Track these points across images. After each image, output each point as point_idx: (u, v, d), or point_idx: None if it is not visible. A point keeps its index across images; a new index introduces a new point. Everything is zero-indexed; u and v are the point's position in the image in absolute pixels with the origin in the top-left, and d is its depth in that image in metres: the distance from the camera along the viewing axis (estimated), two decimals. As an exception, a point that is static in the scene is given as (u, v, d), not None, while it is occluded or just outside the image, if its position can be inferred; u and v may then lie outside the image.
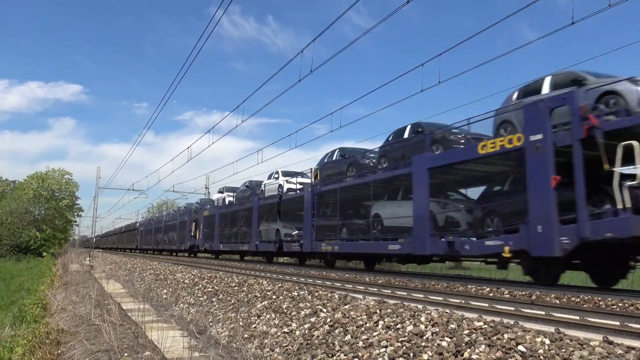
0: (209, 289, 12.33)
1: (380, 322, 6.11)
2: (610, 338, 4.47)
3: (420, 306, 6.62)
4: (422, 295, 8.46)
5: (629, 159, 8.64)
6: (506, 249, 10.32)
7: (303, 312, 7.69)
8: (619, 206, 8.68)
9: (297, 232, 20.57)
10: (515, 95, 12.02)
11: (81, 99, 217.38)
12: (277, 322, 7.82)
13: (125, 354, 6.69)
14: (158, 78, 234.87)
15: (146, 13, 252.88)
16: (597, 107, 9.59)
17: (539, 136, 9.87)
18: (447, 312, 5.93)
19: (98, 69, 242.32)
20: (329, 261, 19.45)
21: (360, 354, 5.41)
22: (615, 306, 7.54)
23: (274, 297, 9.25)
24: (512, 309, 6.62)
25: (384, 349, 5.31)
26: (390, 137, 15.84)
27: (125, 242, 66.55)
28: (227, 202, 31.20)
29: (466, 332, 5.06)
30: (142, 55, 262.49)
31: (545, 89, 11.10)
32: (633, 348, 4.14)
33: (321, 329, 6.70)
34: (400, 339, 5.40)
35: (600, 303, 7.81)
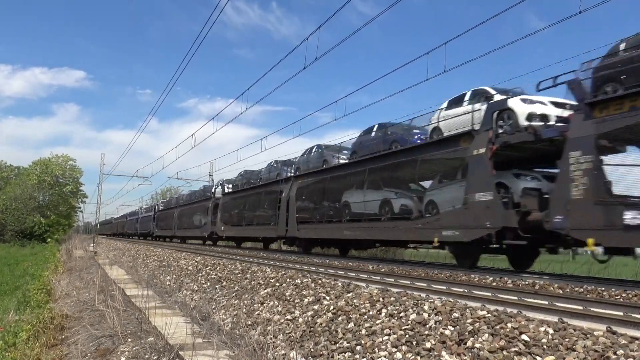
0: (213, 276, 12.38)
1: (384, 310, 6.12)
2: (614, 328, 4.45)
3: (423, 295, 6.62)
4: (425, 284, 8.46)
5: None
6: None
7: (306, 300, 7.71)
8: None
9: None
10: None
11: (85, 85, 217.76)
12: (280, 309, 7.84)
13: (129, 340, 6.73)
14: (162, 64, 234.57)
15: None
16: None
17: None
18: (450, 301, 5.93)
19: (102, 54, 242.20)
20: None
21: (363, 342, 5.42)
22: (618, 296, 7.54)
23: (277, 284, 9.28)
24: (516, 298, 6.62)
25: (387, 337, 5.31)
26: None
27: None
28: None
29: (469, 321, 5.06)
30: (146, 41, 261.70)
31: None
32: (637, 338, 4.12)
33: (324, 316, 6.71)
34: (403, 327, 5.40)
35: (604, 293, 7.80)
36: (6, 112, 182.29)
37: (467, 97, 13.40)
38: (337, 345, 5.65)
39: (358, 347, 5.37)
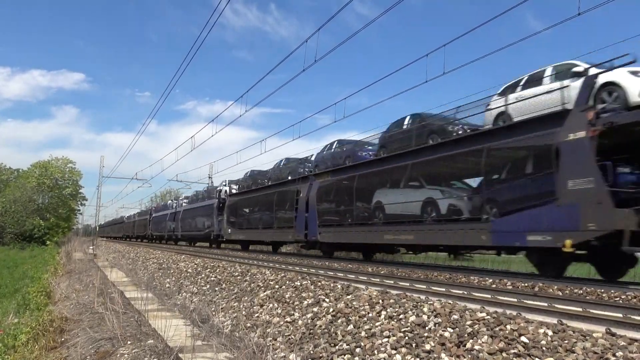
0: (212, 278, 12.38)
1: (383, 313, 6.12)
2: (613, 330, 4.46)
3: (422, 297, 6.62)
4: (424, 286, 8.45)
5: None
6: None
7: (306, 302, 7.71)
8: None
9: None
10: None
11: (84, 87, 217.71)
12: (279, 311, 7.84)
13: (129, 342, 6.73)
14: (161, 67, 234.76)
15: (149, 0, 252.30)
16: None
17: None
18: (449, 303, 5.93)
19: (101, 57, 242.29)
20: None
21: (362, 344, 5.42)
22: (618, 298, 7.53)
23: (276, 286, 9.28)
24: (515, 300, 6.61)
25: (386, 339, 5.32)
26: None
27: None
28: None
29: (469, 323, 5.06)
30: (145, 43, 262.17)
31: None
32: (636, 340, 4.13)
33: (324, 318, 6.71)
34: (402, 329, 5.41)
35: (603, 295, 7.79)
36: (5, 114, 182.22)
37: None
38: (337, 347, 5.66)
39: (357, 349, 5.38)
